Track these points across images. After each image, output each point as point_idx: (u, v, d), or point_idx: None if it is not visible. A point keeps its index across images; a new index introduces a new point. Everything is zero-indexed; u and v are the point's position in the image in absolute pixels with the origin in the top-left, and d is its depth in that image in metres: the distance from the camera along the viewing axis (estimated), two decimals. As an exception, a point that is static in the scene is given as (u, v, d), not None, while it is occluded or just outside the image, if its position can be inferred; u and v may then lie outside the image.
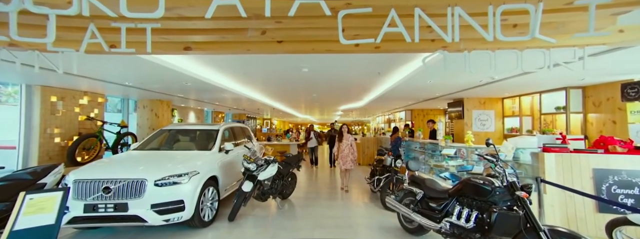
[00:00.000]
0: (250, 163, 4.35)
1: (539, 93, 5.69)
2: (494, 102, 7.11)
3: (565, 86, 4.99)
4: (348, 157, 5.68)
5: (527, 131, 6.20)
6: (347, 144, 5.74)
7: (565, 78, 4.48)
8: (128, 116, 7.64)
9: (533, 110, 6.34)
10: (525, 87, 5.59)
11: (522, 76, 4.25)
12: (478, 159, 4.14)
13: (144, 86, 5.59)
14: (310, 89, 7.39)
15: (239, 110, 13.69)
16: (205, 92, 6.75)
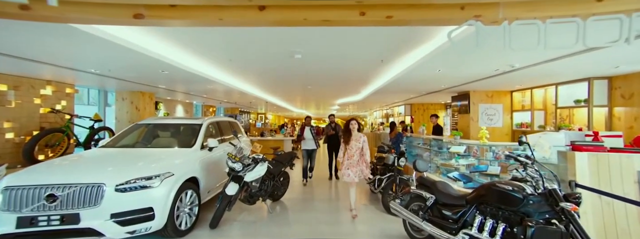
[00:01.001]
0: (235, 162, 3.80)
1: (556, 85, 5.21)
2: (502, 95, 6.63)
3: (588, 76, 4.50)
4: (356, 167, 3.89)
5: (539, 127, 5.75)
6: (357, 147, 3.87)
7: (592, 67, 3.98)
8: (105, 109, 6.98)
9: (546, 104, 5.87)
10: (541, 78, 5.10)
11: (543, 65, 3.74)
12: (505, 159, 3.65)
13: (115, 74, 4.95)
14: (305, 81, 6.82)
15: (230, 104, 13.07)
16: (189, 83, 6.12)
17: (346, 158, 3.90)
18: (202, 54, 4.35)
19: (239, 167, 3.80)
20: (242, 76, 6.35)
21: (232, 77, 6.28)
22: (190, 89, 7.38)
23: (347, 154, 3.92)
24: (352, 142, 3.89)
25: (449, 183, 3.28)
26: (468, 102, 6.65)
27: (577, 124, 4.93)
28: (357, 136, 3.91)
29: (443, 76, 4.90)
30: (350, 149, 3.89)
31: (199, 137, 4.19)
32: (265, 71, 5.64)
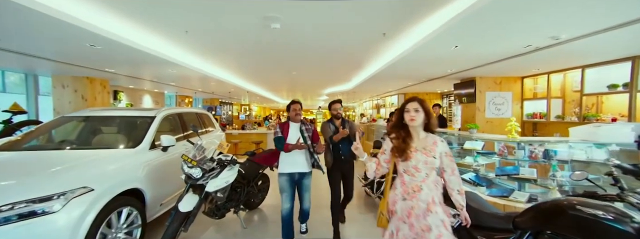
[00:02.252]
0: (192, 167, 2.84)
1: (582, 67, 4.48)
2: (512, 82, 5.90)
3: (632, 54, 3.74)
4: (430, 217, 1.63)
5: (557, 117, 5.05)
6: (428, 164, 1.67)
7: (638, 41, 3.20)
8: (36, 99, 5.72)
9: (564, 90, 5.17)
10: (567, 60, 4.33)
11: (593, 37, 2.91)
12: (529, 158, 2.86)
13: (26, 49, 3.75)
14: (289, 65, 5.81)
15: (208, 94, 11.86)
16: (141, 66, 4.94)
17: (400, 194, 1.70)
18: (147, 24, 3.25)
19: (197, 174, 2.84)
20: (213, 58, 5.26)
21: (197, 57, 5.16)
22: (148, 74, 6.17)
23: (402, 182, 1.72)
24: (415, 153, 1.68)
25: (481, 196, 2.46)
26: (474, 90, 5.88)
27: (607, 114, 4.24)
28: (426, 139, 1.72)
29: (457, 55, 4.01)
30: (409, 170, 1.70)
31: (148, 134, 3.17)
32: (238, 50, 4.59)
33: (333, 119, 3.10)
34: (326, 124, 3.09)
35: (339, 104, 3.08)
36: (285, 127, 2.84)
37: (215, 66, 6.09)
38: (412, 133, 1.74)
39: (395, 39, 3.72)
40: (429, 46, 3.44)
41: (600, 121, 4.24)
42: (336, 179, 3.01)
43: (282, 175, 2.83)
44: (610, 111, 4.29)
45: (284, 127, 2.84)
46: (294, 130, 2.84)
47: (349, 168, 3.09)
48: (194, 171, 2.85)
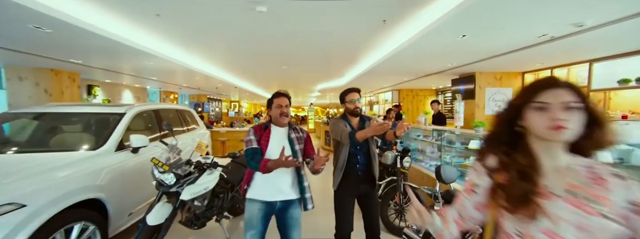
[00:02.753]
0: (164, 172, 2.44)
1: (590, 62, 4.25)
2: (512, 77, 5.66)
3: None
4: None
5: (560, 114, 4.83)
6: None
7: None
8: None
9: (567, 87, 4.94)
10: (573, 53, 4.08)
11: (615, 25, 2.64)
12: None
13: None
14: (279, 59, 5.40)
15: (194, 90, 11.29)
16: (107, 54, 4.37)
17: None
18: (108, 4, 2.78)
19: (170, 180, 2.43)
20: (195, 49, 4.79)
21: (176, 47, 4.69)
22: (124, 67, 5.62)
23: None
24: (552, 201, 0.73)
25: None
26: (473, 86, 5.61)
27: (616, 111, 4.02)
28: (578, 172, 0.75)
29: (462, 47, 3.67)
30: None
31: (115, 134, 2.73)
32: (222, 40, 4.15)
33: (347, 116, 2.14)
34: (339, 120, 2.11)
35: (357, 93, 2.08)
36: (263, 134, 1.83)
37: (199, 59, 5.61)
38: (543, 157, 0.79)
39: (397, 27, 3.36)
40: (434, 35, 3.10)
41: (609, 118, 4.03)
42: (346, 206, 2.04)
43: (252, 202, 1.81)
44: (619, 108, 4.08)
45: (261, 134, 1.84)
46: (279, 138, 1.84)
47: (369, 189, 2.09)
48: (166, 177, 2.45)
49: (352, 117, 2.15)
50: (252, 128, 1.91)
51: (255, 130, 1.89)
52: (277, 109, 1.86)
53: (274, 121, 1.92)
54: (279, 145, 1.77)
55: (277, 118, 1.87)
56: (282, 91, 1.92)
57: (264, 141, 1.83)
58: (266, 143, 1.83)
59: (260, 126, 1.93)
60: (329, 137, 8.81)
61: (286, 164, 1.61)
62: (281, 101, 1.87)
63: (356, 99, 2.09)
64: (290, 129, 1.93)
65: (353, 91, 2.12)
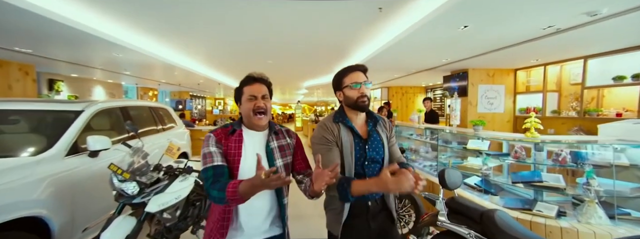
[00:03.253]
0: (125, 181, 2.07)
1: (584, 58, 4.15)
2: (505, 74, 5.55)
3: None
4: None
5: (553, 112, 4.75)
6: None
7: None
8: None
9: (560, 83, 4.88)
10: (568, 50, 3.97)
11: (598, 23, 2.48)
12: (552, 162, 2.38)
13: None
14: (265, 52, 5.03)
15: (173, 86, 10.67)
16: (66, 44, 3.81)
17: None
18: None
19: (132, 190, 2.07)
20: (170, 40, 4.34)
21: (147, 37, 4.23)
22: (89, 59, 5.04)
23: None
24: None
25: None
26: (466, 83, 5.47)
27: (609, 108, 3.95)
28: None
29: (462, 39, 3.44)
30: None
31: (66, 135, 2.31)
32: (200, 29, 3.74)
33: (346, 113, 1.33)
34: (325, 129, 1.29)
35: (363, 74, 1.30)
36: (230, 143, 1.22)
37: (177, 52, 5.15)
38: None
39: (393, 16, 3.09)
40: (434, 26, 2.85)
41: (602, 116, 3.96)
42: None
43: None
44: (612, 105, 4.02)
45: (227, 143, 1.22)
46: (254, 149, 1.22)
47: (387, 227, 1.37)
48: (127, 186, 2.08)
49: (353, 113, 1.31)
50: (211, 133, 1.22)
51: (217, 137, 1.21)
52: (249, 102, 1.21)
53: (245, 122, 1.28)
54: (252, 157, 1.16)
55: (249, 117, 1.22)
56: (257, 75, 1.25)
57: (231, 153, 1.19)
58: (236, 157, 1.19)
59: (224, 131, 1.24)
60: (318, 136, 8.49)
61: (269, 185, 0.95)
62: (255, 90, 1.22)
63: (362, 83, 1.25)
64: (271, 134, 1.28)
65: (356, 69, 1.28)
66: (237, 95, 1.30)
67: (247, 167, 1.18)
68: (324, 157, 1.17)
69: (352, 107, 1.29)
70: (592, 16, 2.40)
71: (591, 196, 2.03)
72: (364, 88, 1.26)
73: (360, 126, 1.34)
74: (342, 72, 1.32)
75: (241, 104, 1.26)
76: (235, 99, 1.33)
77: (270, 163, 1.23)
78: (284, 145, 1.31)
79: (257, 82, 1.25)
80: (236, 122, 1.30)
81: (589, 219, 2.01)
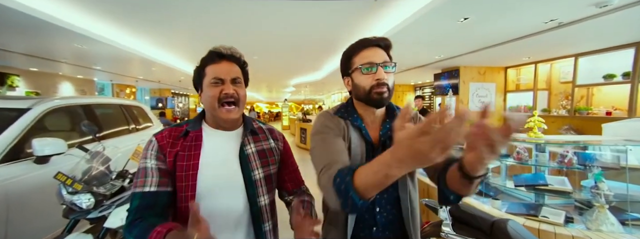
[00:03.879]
0: (77, 193, 1.75)
1: (575, 56, 4.11)
2: (495, 72, 5.50)
3: (637, 40, 3.37)
4: None
5: (543, 110, 4.71)
6: None
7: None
8: None
9: (550, 82, 4.85)
10: (559, 47, 3.91)
11: (604, 16, 2.38)
12: (558, 164, 2.24)
13: None
14: (249, 47, 4.71)
15: (153, 82, 10.08)
16: (21, 34, 3.39)
17: None
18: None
19: (86, 203, 1.75)
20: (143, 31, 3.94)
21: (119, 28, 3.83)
22: (45, 51, 4.50)
23: None
24: None
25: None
26: (457, 81, 5.36)
27: (599, 107, 3.92)
28: None
29: (458, 34, 3.26)
30: None
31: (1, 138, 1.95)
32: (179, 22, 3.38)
33: (356, 108, 0.95)
34: (328, 125, 0.90)
35: (381, 50, 0.88)
36: (183, 150, 0.87)
37: (153, 46, 4.73)
38: None
39: (388, 7, 2.87)
40: (433, 17, 2.65)
41: (592, 115, 3.93)
42: None
43: None
44: (601, 104, 4.00)
45: (177, 149, 0.87)
46: (220, 155, 0.90)
47: None
48: (80, 199, 1.75)
49: (366, 110, 0.93)
50: (153, 137, 0.88)
51: (161, 142, 0.86)
52: (213, 87, 0.86)
53: (208, 118, 0.94)
54: (220, 174, 0.86)
55: (213, 109, 0.87)
56: (224, 50, 0.89)
57: (183, 166, 0.84)
58: (191, 172, 0.84)
59: (175, 132, 0.89)
60: (305, 135, 8.24)
61: None
62: (222, 70, 0.87)
63: (379, 64, 0.85)
64: (247, 134, 0.95)
65: (371, 44, 0.88)
66: (196, 78, 0.92)
67: (205, 188, 0.84)
68: (326, 146, 0.81)
69: (364, 101, 0.89)
70: (601, 7, 2.27)
71: (601, 201, 1.89)
72: (381, 72, 0.84)
73: (372, 128, 0.94)
74: (352, 48, 0.91)
75: (202, 90, 0.90)
76: (195, 85, 0.93)
77: (246, 174, 0.89)
78: (266, 149, 0.97)
79: (225, 59, 0.89)
80: (193, 120, 0.93)
81: (599, 226, 1.87)
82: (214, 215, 0.83)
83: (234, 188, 0.88)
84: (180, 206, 0.83)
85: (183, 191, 0.83)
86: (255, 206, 0.89)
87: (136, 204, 0.79)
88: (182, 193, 0.83)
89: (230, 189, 0.87)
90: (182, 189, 0.83)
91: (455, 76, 5.42)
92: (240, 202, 0.88)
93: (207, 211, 0.81)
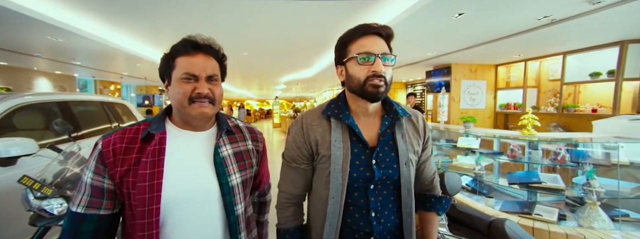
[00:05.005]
0: (46, 197, 1.61)
1: (563, 54, 4.14)
2: (486, 70, 5.52)
3: (621, 38, 3.41)
4: None
5: (533, 108, 4.76)
6: None
7: (628, 24, 2.80)
8: None
9: (539, 80, 4.90)
10: (548, 45, 3.93)
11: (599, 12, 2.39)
12: (551, 162, 2.23)
13: None
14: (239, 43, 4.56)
15: (139, 79, 9.75)
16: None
17: None
18: None
19: (56, 208, 1.61)
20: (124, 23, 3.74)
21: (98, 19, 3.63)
22: (17, 44, 4.21)
23: None
24: None
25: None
26: (449, 78, 5.36)
27: (585, 104, 3.98)
28: None
29: (452, 30, 3.20)
30: None
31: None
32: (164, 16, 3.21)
33: (346, 103, 0.87)
34: (314, 117, 0.88)
35: (380, 39, 0.82)
36: (144, 156, 0.72)
37: (137, 40, 4.51)
38: None
39: (381, 2, 2.79)
40: (427, 13, 2.59)
41: (579, 112, 3.99)
42: None
43: None
44: (588, 101, 4.06)
45: (133, 156, 0.72)
46: (189, 157, 0.78)
47: None
48: (50, 204, 1.62)
49: (360, 104, 0.85)
50: (98, 141, 0.74)
51: (106, 148, 0.72)
52: (184, 84, 0.74)
53: (176, 116, 0.81)
54: (190, 181, 0.76)
55: (182, 107, 0.75)
56: (201, 40, 0.77)
57: (142, 175, 0.70)
58: (153, 181, 0.70)
59: (130, 135, 0.75)
60: (297, 133, 8.12)
61: None
62: (196, 65, 0.75)
63: (378, 55, 0.78)
64: (222, 135, 0.83)
65: (372, 32, 0.81)
66: (164, 68, 0.77)
67: (173, 199, 0.71)
68: (285, 174, 0.91)
69: (358, 94, 0.80)
70: (594, 4, 2.26)
71: (593, 198, 1.88)
72: (379, 64, 0.76)
73: (368, 125, 0.85)
74: (349, 34, 0.82)
75: (169, 84, 0.76)
76: (161, 75, 0.79)
77: (222, 180, 0.78)
78: (244, 151, 0.85)
79: (201, 51, 0.76)
80: (155, 119, 0.78)
81: (591, 223, 1.87)
82: (184, 231, 0.74)
83: (208, 196, 0.77)
84: (141, 222, 0.68)
85: (146, 204, 0.69)
86: (232, 215, 0.79)
87: (65, 227, 0.71)
88: (145, 207, 0.68)
89: (202, 199, 0.76)
90: (145, 202, 0.68)
91: (447, 73, 5.42)
92: (215, 212, 0.78)
93: (175, 226, 0.73)
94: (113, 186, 0.72)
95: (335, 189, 0.80)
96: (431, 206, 0.95)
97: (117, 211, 0.74)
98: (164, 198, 0.70)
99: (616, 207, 1.99)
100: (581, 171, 2.21)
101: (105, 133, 0.76)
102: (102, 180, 0.71)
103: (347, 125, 0.82)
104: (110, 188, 0.72)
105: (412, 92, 5.45)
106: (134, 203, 0.70)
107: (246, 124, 0.95)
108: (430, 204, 0.95)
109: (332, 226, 0.81)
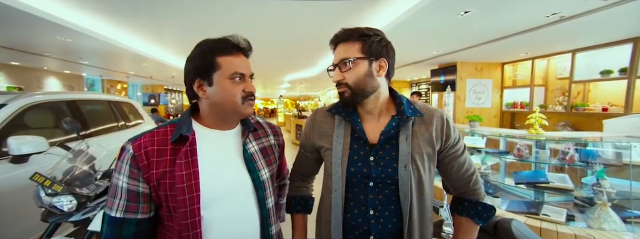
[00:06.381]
0: (57, 194, 1.64)
1: (572, 52, 4.07)
2: (493, 68, 5.45)
3: (635, 35, 3.33)
4: None
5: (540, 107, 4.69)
6: None
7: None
8: None
9: (547, 78, 4.83)
10: (557, 43, 3.87)
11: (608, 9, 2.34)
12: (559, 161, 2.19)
13: None
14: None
15: (145, 78, 9.85)
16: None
17: None
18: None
19: (67, 205, 1.64)
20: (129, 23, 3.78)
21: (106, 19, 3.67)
22: (27, 44, 4.27)
23: None
24: None
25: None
26: (454, 77, 5.31)
27: (595, 103, 3.90)
28: None
29: (458, 28, 3.17)
30: None
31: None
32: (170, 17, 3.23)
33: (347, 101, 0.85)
34: (323, 113, 0.93)
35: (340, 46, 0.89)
36: (179, 158, 0.72)
37: (144, 40, 4.56)
38: None
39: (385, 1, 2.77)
40: (432, 11, 2.57)
41: (588, 111, 3.91)
42: None
43: None
44: (598, 100, 3.98)
45: (166, 159, 0.72)
46: (221, 156, 0.80)
47: None
48: (60, 201, 1.64)
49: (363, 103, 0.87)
50: (129, 145, 0.72)
51: (138, 151, 0.71)
52: (234, 83, 0.75)
53: (208, 117, 0.80)
54: (225, 179, 0.77)
55: (236, 107, 0.77)
56: (243, 41, 0.79)
57: (179, 176, 0.70)
58: (191, 181, 0.71)
59: (160, 138, 0.74)
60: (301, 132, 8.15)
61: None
62: (241, 65, 0.76)
63: (338, 64, 0.88)
64: (246, 132, 0.84)
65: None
66: (203, 67, 0.74)
67: (212, 197, 0.73)
68: (295, 160, 1.05)
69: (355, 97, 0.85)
70: (605, 0, 2.21)
71: (603, 199, 1.85)
72: (337, 72, 0.84)
73: (375, 124, 0.85)
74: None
75: (212, 85, 0.74)
76: (199, 74, 0.75)
77: (253, 176, 0.81)
78: (267, 147, 0.90)
79: (242, 52, 0.79)
80: (181, 120, 0.78)
81: (601, 224, 1.84)
82: (223, 227, 0.76)
83: (243, 192, 0.80)
84: (184, 222, 0.69)
85: (187, 205, 0.70)
86: (264, 209, 0.83)
87: (105, 233, 0.72)
88: (186, 208, 0.70)
89: (239, 195, 0.79)
90: (185, 203, 0.69)
91: (452, 72, 5.37)
92: (250, 208, 0.81)
93: (214, 223, 0.75)
94: (149, 189, 0.72)
95: (336, 181, 0.84)
96: (463, 210, 0.91)
97: (152, 214, 0.76)
98: (203, 197, 0.72)
99: (628, 208, 1.95)
100: (590, 171, 2.17)
101: (133, 137, 0.76)
102: (137, 184, 0.71)
103: (350, 122, 0.87)
104: (146, 192, 0.72)
105: (417, 91, 5.42)
106: (173, 204, 0.71)
107: (265, 120, 0.99)
108: (462, 208, 0.92)
109: (338, 219, 0.83)
